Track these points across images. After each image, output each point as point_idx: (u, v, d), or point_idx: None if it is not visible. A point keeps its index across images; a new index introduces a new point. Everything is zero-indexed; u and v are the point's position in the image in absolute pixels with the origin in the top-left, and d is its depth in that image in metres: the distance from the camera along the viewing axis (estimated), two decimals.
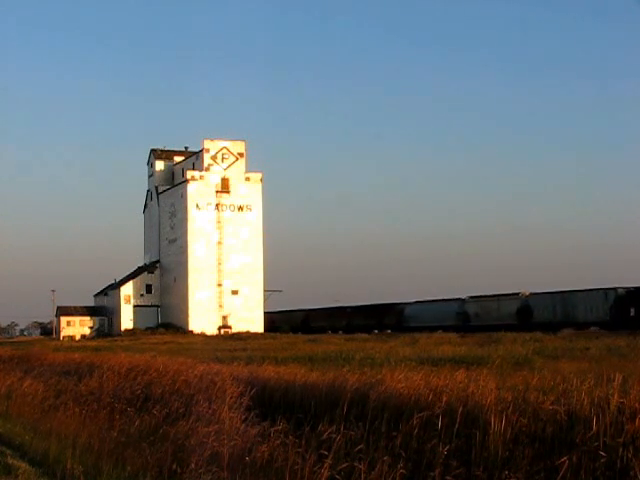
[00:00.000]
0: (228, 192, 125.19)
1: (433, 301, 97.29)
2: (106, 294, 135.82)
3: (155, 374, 22.11)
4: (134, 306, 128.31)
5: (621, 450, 10.61)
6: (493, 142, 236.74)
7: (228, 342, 69.06)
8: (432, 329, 78.50)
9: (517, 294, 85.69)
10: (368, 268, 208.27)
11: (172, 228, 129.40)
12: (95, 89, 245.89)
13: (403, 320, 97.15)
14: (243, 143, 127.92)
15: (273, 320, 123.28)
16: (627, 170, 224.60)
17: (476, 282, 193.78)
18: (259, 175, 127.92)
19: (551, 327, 69.45)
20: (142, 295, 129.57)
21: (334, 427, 13.18)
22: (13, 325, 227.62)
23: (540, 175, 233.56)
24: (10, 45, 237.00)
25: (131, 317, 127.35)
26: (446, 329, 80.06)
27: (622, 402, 11.62)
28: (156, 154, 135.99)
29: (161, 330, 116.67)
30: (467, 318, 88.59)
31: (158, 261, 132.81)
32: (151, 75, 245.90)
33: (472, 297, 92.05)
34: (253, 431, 14.34)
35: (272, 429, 14.10)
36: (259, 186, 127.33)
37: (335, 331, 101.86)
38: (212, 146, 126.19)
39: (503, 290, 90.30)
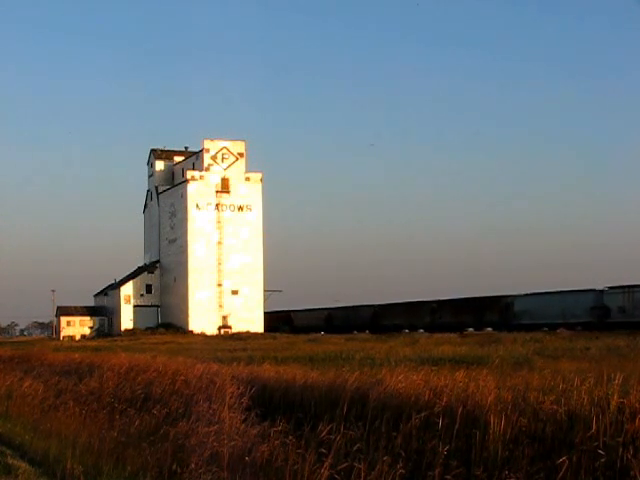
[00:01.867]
0: (228, 192, 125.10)
1: (554, 293, 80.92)
2: (106, 294, 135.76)
3: (155, 374, 22.11)
4: (134, 306, 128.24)
5: (621, 450, 10.60)
6: (498, 142, 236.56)
7: (228, 342, 68.97)
8: (552, 327, 68.09)
9: None
10: (368, 268, 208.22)
11: (172, 228, 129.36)
12: (95, 89, 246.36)
13: (511, 316, 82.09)
14: (243, 143, 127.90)
15: (330, 316, 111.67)
16: None
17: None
18: (259, 175, 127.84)
19: None
20: (142, 295, 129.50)
21: (334, 427, 13.18)
22: (13, 325, 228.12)
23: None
24: (10, 45, 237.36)
25: (131, 317, 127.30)
26: (572, 327, 67.85)
27: (622, 402, 11.62)
28: (156, 154, 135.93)
29: (161, 330, 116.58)
30: (606, 313, 73.43)
31: (158, 261, 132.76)
32: (151, 75, 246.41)
33: (613, 287, 75.65)
34: (253, 431, 14.34)
35: (272, 429, 14.09)
36: (259, 186, 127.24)
37: (414, 330, 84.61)
38: (212, 146, 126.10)
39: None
